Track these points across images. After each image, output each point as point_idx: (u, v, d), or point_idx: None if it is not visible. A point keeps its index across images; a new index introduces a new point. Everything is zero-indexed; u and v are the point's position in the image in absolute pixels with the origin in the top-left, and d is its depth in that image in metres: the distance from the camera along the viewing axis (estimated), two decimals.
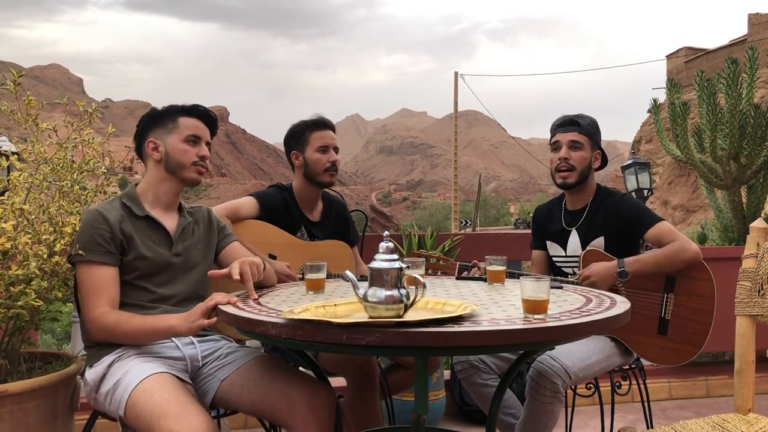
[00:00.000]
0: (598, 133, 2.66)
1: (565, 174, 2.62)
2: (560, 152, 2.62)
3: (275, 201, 2.69)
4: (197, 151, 2.17)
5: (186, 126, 2.17)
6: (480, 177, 44.31)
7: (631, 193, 9.99)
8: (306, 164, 2.72)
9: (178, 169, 2.15)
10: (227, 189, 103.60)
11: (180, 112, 2.19)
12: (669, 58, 31.95)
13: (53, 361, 2.29)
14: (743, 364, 1.94)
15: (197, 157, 2.17)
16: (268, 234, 2.63)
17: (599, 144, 2.67)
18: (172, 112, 2.20)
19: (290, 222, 2.70)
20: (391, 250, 1.60)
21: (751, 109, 5.51)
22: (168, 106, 2.22)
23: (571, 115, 2.67)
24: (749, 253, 2.00)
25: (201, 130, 2.20)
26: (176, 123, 2.17)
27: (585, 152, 2.61)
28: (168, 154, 2.15)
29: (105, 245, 2.00)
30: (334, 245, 2.75)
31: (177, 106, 2.22)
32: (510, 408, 2.49)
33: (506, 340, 1.50)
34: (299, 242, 2.69)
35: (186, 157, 2.15)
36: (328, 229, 2.81)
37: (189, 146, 2.16)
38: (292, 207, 2.72)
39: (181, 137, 2.16)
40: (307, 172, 2.72)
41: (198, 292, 2.17)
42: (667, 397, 4.07)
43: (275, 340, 1.66)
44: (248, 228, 2.58)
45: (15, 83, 2.22)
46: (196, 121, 2.19)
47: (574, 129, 2.62)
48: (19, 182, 2.19)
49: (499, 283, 2.22)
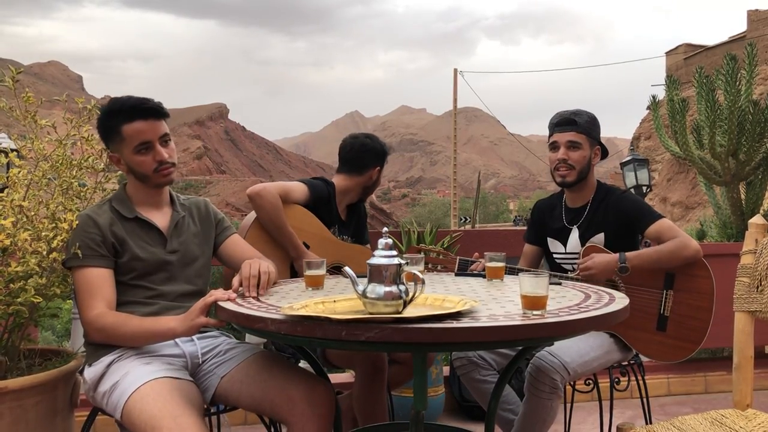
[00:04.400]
0: (596, 128, 2.66)
1: (564, 173, 2.62)
2: (558, 153, 2.61)
3: (323, 193, 2.74)
4: (153, 157, 2.07)
5: (131, 136, 2.05)
6: (479, 174, 44.27)
7: (630, 190, 9.99)
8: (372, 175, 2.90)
9: (144, 179, 2.12)
10: (227, 186, 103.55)
11: (121, 120, 2.05)
12: (668, 55, 31.93)
13: (53, 358, 2.29)
14: (742, 360, 1.95)
15: (156, 163, 2.08)
16: (309, 223, 2.67)
17: (598, 139, 2.67)
18: (115, 121, 2.07)
19: (329, 217, 2.75)
20: (390, 246, 1.61)
21: (749, 106, 5.52)
22: (108, 110, 2.09)
23: (568, 113, 2.65)
24: (748, 249, 2.00)
25: (148, 133, 2.06)
26: (121, 134, 2.06)
27: (584, 151, 2.61)
28: (129, 166, 2.11)
29: (96, 248, 2.00)
30: (363, 251, 2.82)
31: (115, 108, 2.07)
32: (509, 404, 2.49)
33: (505, 336, 1.50)
34: (333, 238, 2.75)
35: (145, 167, 2.09)
36: (352, 228, 2.90)
37: (142, 156, 2.07)
38: (333, 204, 2.78)
39: (131, 149, 2.06)
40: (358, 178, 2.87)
41: (198, 287, 2.17)
42: (665, 393, 4.08)
43: (274, 336, 1.66)
44: (293, 212, 2.61)
45: (14, 80, 2.22)
46: (139, 125, 2.05)
47: (571, 129, 2.61)
48: (18, 179, 2.19)
49: (498, 280, 2.22)
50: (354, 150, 2.87)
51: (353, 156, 2.86)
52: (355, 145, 2.87)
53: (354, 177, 2.85)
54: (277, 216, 2.51)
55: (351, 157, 2.86)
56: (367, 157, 2.86)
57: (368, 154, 2.86)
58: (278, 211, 2.51)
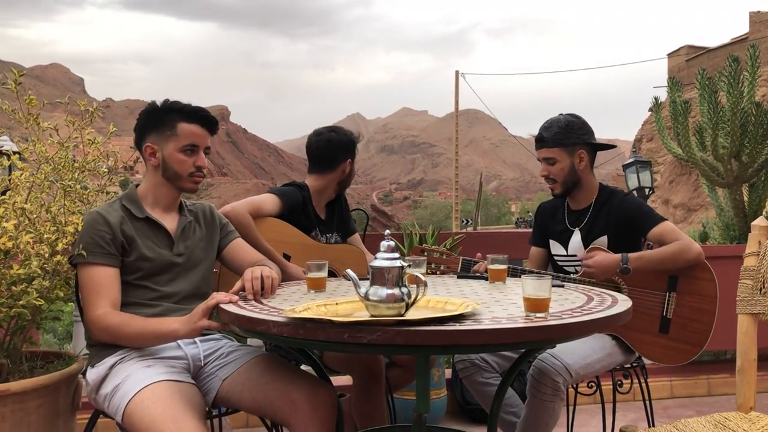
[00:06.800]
0: (572, 134, 2.60)
1: (550, 186, 2.69)
2: (540, 170, 2.68)
3: (297, 199, 2.69)
4: (194, 161, 2.12)
5: (185, 134, 2.10)
6: (481, 176, 44.30)
7: (632, 192, 9.99)
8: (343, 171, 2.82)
9: (175, 179, 2.13)
10: (228, 188, 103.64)
11: (179, 118, 2.11)
12: (670, 57, 31.91)
13: (55, 361, 2.29)
14: (745, 363, 1.94)
15: (194, 167, 2.13)
16: (286, 233, 2.62)
17: (579, 142, 2.61)
18: (172, 116, 2.12)
19: (307, 221, 2.70)
20: (393, 248, 1.60)
21: (752, 108, 5.51)
22: (168, 106, 2.14)
23: (541, 128, 2.67)
24: (751, 251, 1.99)
25: (200, 138, 2.13)
26: (175, 130, 2.10)
27: (560, 163, 2.61)
28: (165, 162, 2.12)
29: (106, 247, 2.00)
30: (350, 250, 2.78)
31: (177, 107, 2.13)
32: (511, 406, 2.49)
33: (507, 338, 1.50)
34: (315, 243, 2.70)
35: (183, 167, 2.11)
36: (335, 224, 2.85)
37: (186, 156, 2.11)
38: (309, 207, 2.73)
39: (178, 146, 2.10)
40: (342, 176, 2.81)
41: (200, 290, 2.17)
42: (668, 396, 4.07)
43: (276, 339, 1.66)
44: (267, 225, 2.57)
45: (16, 83, 2.22)
46: (195, 128, 2.12)
47: (541, 146, 2.65)
48: (20, 181, 2.19)
49: (501, 282, 2.22)
50: (320, 147, 2.79)
51: (320, 153, 2.78)
52: (321, 142, 2.79)
53: (326, 175, 2.77)
54: (249, 234, 2.45)
55: (319, 155, 2.79)
56: (335, 151, 2.77)
57: (336, 149, 2.78)
58: (248, 229, 2.46)
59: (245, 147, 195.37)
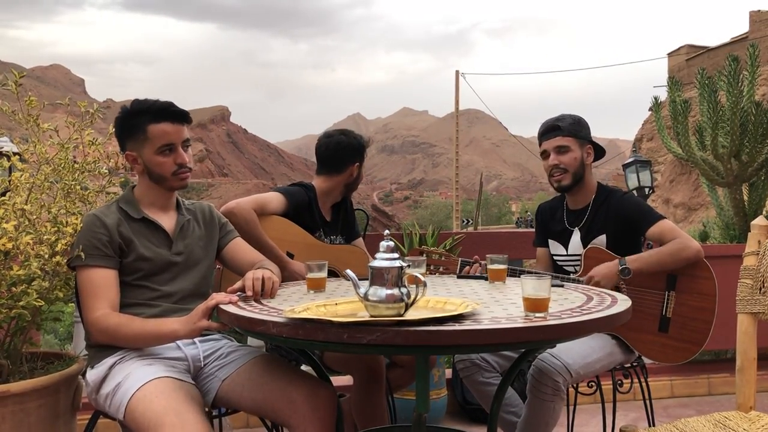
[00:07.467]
0: (583, 129, 2.65)
1: (558, 177, 2.64)
2: (550, 160, 2.64)
3: (302, 199, 2.69)
4: (174, 159, 2.10)
5: (156, 136, 2.07)
6: (481, 176, 44.25)
7: (632, 191, 9.99)
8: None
9: (161, 180, 2.13)
10: (229, 189, 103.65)
11: (148, 119, 2.07)
12: (670, 56, 31.89)
13: (55, 361, 2.30)
14: (745, 362, 1.94)
15: (176, 166, 2.10)
16: (290, 232, 2.63)
17: (588, 138, 2.66)
18: (140, 119, 2.08)
19: (312, 221, 2.71)
20: (392, 249, 1.60)
21: (752, 107, 5.52)
22: (136, 109, 2.10)
23: (551, 120, 2.67)
24: (751, 250, 2.00)
25: (173, 135, 2.09)
26: (146, 134, 2.07)
27: (574, 153, 2.61)
28: (147, 167, 2.11)
29: (103, 249, 2.01)
30: (352, 251, 2.78)
31: (143, 108, 2.09)
32: (512, 406, 2.49)
33: (507, 338, 1.50)
34: (318, 243, 2.70)
35: (164, 169, 2.10)
36: (339, 227, 2.85)
37: (164, 157, 2.09)
38: (315, 208, 2.74)
39: (154, 149, 2.08)
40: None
41: (200, 290, 2.17)
42: (669, 395, 4.07)
43: (276, 339, 1.66)
44: (271, 223, 2.58)
45: (17, 84, 2.22)
46: (165, 126, 2.08)
47: (556, 134, 2.63)
48: (20, 182, 2.20)
49: (501, 282, 2.22)
50: (330, 149, 2.79)
51: (330, 155, 2.78)
52: (330, 144, 2.79)
53: (334, 177, 2.78)
54: (253, 231, 2.46)
55: (328, 157, 2.79)
56: (345, 154, 2.78)
57: (345, 152, 2.78)
58: (253, 225, 2.47)
59: (246, 147, 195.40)
